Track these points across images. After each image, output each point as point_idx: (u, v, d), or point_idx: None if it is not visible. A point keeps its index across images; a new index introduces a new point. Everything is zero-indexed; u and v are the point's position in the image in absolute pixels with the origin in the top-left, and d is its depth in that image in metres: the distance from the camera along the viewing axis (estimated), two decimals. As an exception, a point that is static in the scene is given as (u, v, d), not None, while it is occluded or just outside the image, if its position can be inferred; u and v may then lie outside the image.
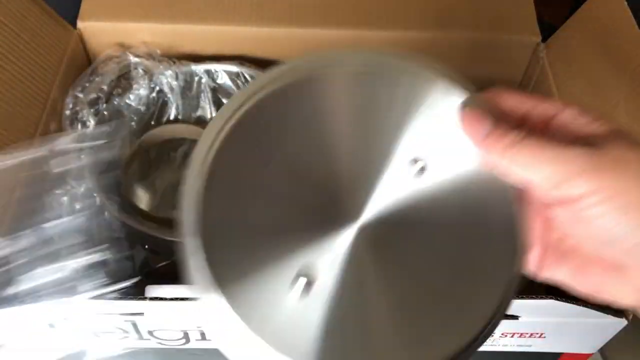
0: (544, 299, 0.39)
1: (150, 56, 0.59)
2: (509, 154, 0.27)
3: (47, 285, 0.41)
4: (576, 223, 0.28)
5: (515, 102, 0.30)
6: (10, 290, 0.40)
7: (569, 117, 0.28)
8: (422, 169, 0.29)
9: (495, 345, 0.44)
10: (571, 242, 0.29)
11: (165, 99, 0.59)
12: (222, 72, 0.60)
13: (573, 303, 0.39)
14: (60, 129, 0.55)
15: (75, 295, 0.40)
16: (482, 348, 0.44)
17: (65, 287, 0.41)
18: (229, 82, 0.60)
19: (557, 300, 0.38)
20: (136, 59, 0.58)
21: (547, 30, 0.60)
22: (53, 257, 0.42)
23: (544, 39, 0.59)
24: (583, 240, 0.28)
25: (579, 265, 0.29)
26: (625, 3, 0.52)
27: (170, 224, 0.55)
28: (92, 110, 0.56)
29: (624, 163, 0.26)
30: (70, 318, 0.41)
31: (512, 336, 0.43)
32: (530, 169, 0.27)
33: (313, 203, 0.29)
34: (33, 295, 0.42)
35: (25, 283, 0.40)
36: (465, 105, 0.29)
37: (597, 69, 0.53)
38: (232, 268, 0.28)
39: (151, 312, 0.40)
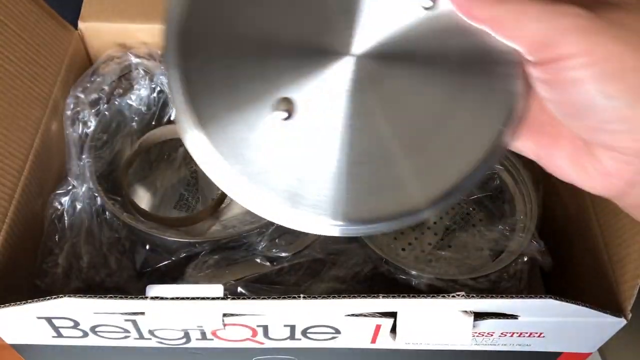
0: (543, 298, 0.39)
1: (151, 56, 0.59)
2: (492, 12, 0.25)
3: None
4: (555, 86, 0.25)
5: None
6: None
7: None
8: (432, 5, 0.27)
9: (495, 345, 0.44)
10: (546, 112, 0.27)
11: (166, 99, 0.59)
12: (223, 73, 0.60)
13: (572, 303, 0.39)
14: (61, 129, 0.56)
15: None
16: (481, 348, 0.44)
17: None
18: (229, 83, 0.60)
19: (557, 299, 0.38)
20: (137, 60, 0.58)
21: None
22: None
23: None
24: (557, 108, 0.26)
25: (550, 141, 0.28)
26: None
27: (170, 223, 0.55)
28: (93, 110, 0.56)
29: (622, 27, 0.23)
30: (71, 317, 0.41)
31: (511, 336, 0.43)
32: (514, 27, 0.24)
33: (305, 27, 0.27)
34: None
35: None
36: None
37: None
38: (214, 100, 0.27)
39: (152, 312, 0.40)
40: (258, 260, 0.50)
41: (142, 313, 0.41)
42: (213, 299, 0.39)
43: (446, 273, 0.50)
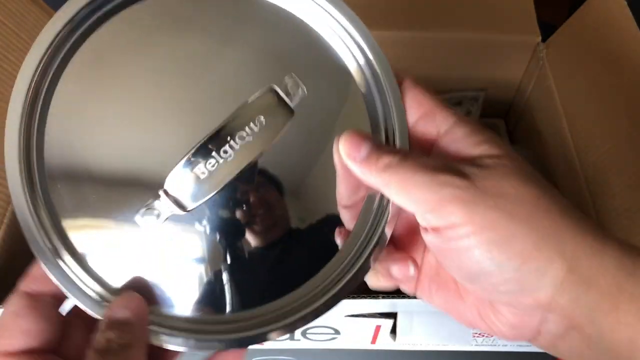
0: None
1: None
2: (383, 178, 0.26)
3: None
4: (447, 252, 0.27)
5: (415, 98, 0.29)
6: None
7: (461, 134, 0.28)
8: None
9: (495, 345, 0.44)
10: (444, 271, 0.29)
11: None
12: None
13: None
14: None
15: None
16: (481, 348, 0.44)
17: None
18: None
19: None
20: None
21: (547, 30, 0.60)
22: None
23: (544, 39, 0.59)
24: (453, 272, 0.27)
25: (456, 297, 0.29)
26: (625, 3, 0.52)
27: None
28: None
29: (498, 195, 0.25)
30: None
31: (511, 336, 0.43)
32: (401, 194, 0.26)
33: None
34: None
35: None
36: (346, 131, 0.28)
37: (597, 68, 0.53)
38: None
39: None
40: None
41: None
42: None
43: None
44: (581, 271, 0.24)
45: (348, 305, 0.40)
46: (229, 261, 0.29)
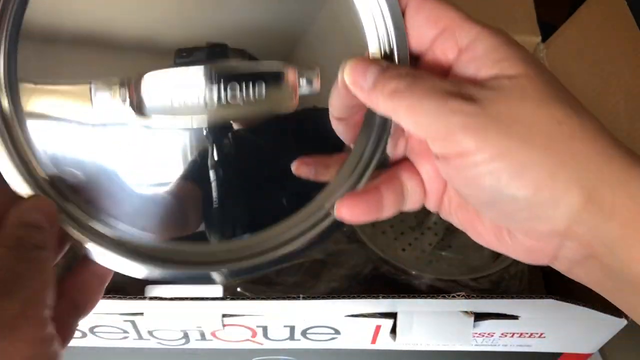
0: (544, 298, 0.39)
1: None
2: (391, 105, 0.25)
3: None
4: (457, 180, 0.26)
5: (430, 13, 0.27)
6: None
7: (482, 50, 0.26)
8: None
9: (495, 346, 0.44)
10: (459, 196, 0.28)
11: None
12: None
13: (573, 303, 0.39)
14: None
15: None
16: (482, 348, 0.44)
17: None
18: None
19: (557, 300, 0.38)
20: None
21: (547, 30, 0.60)
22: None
23: (544, 39, 0.59)
24: (469, 199, 0.27)
25: (473, 218, 0.28)
26: (625, 3, 0.52)
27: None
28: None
29: (511, 121, 0.24)
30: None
31: (511, 336, 0.43)
32: (410, 121, 0.25)
33: None
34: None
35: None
36: (351, 59, 0.27)
37: (597, 68, 0.53)
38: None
39: (151, 312, 0.40)
40: (258, 261, 0.50)
41: (141, 314, 0.40)
42: (212, 299, 0.39)
43: (447, 273, 0.50)
44: (602, 201, 0.23)
45: (348, 305, 0.40)
46: (184, 184, 0.28)
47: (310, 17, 0.28)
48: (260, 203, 0.29)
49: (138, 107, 0.26)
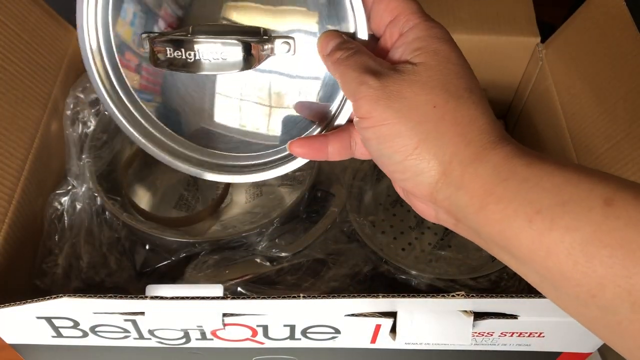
0: (543, 298, 0.39)
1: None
2: (333, 69, 0.33)
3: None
4: (362, 137, 0.32)
5: (388, 5, 0.32)
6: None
7: (411, 38, 0.31)
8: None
9: (495, 345, 0.44)
10: None
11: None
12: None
13: (572, 302, 0.39)
14: (61, 129, 0.56)
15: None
16: (481, 348, 0.44)
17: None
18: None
19: (556, 299, 0.38)
20: (137, 60, 0.58)
21: (547, 30, 0.60)
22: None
23: (544, 39, 0.59)
24: (370, 153, 0.33)
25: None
26: (624, 3, 0.52)
27: (170, 223, 0.55)
28: (92, 110, 0.56)
29: (399, 98, 0.29)
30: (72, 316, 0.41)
31: (511, 335, 0.43)
32: (341, 84, 0.32)
33: None
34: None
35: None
36: (323, 32, 0.34)
37: (596, 69, 0.53)
38: None
39: (152, 312, 0.40)
40: (258, 260, 0.50)
41: (142, 313, 0.41)
42: (213, 298, 0.39)
43: (446, 273, 0.50)
44: (453, 175, 0.28)
45: (348, 305, 0.40)
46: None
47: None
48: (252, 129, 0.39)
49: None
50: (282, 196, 0.61)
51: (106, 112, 0.45)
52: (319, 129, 0.38)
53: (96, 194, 0.52)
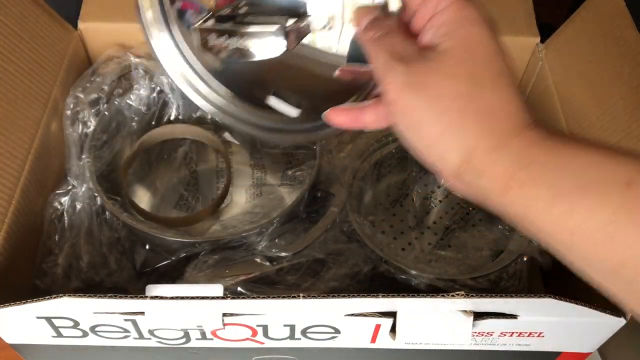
0: (543, 298, 0.39)
1: (150, 56, 0.59)
2: (366, 48, 0.33)
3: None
4: (391, 118, 0.33)
5: None
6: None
7: (440, 22, 0.31)
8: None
9: (494, 345, 0.44)
10: None
11: (166, 99, 0.59)
12: (223, 73, 0.60)
13: (572, 302, 0.39)
14: (61, 129, 0.56)
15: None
16: (481, 347, 0.44)
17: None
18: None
19: (556, 299, 0.38)
20: (137, 60, 0.58)
21: (546, 30, 0.60)
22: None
23: (543, 40, 0.59)
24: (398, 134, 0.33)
25: None
26: (624, 3, 0.52)
27: (170, 223, 0.55)
28: (92, 110, 0.56)
29: (423, 87, 0.30)
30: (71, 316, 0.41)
31: (510, 335, 0.43)
32: (371, 63, 0.33)
33: None
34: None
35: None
36: (359, 7, 0.35)
37: (596, 69, 0.53)
38: None
39: (151, 311, 0.40)
40: (258, 260, 0.50)
41: (142, 313, 0.41)
42: (213, 298, 0.39)
43: (446, 273, 0.50)
44: (475, 162, 0.29)
45: (348, 305, 0.40)
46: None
47: None
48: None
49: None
50: (282, 196, 0.61)
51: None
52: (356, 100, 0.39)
53: (96, 194, 0.52)
